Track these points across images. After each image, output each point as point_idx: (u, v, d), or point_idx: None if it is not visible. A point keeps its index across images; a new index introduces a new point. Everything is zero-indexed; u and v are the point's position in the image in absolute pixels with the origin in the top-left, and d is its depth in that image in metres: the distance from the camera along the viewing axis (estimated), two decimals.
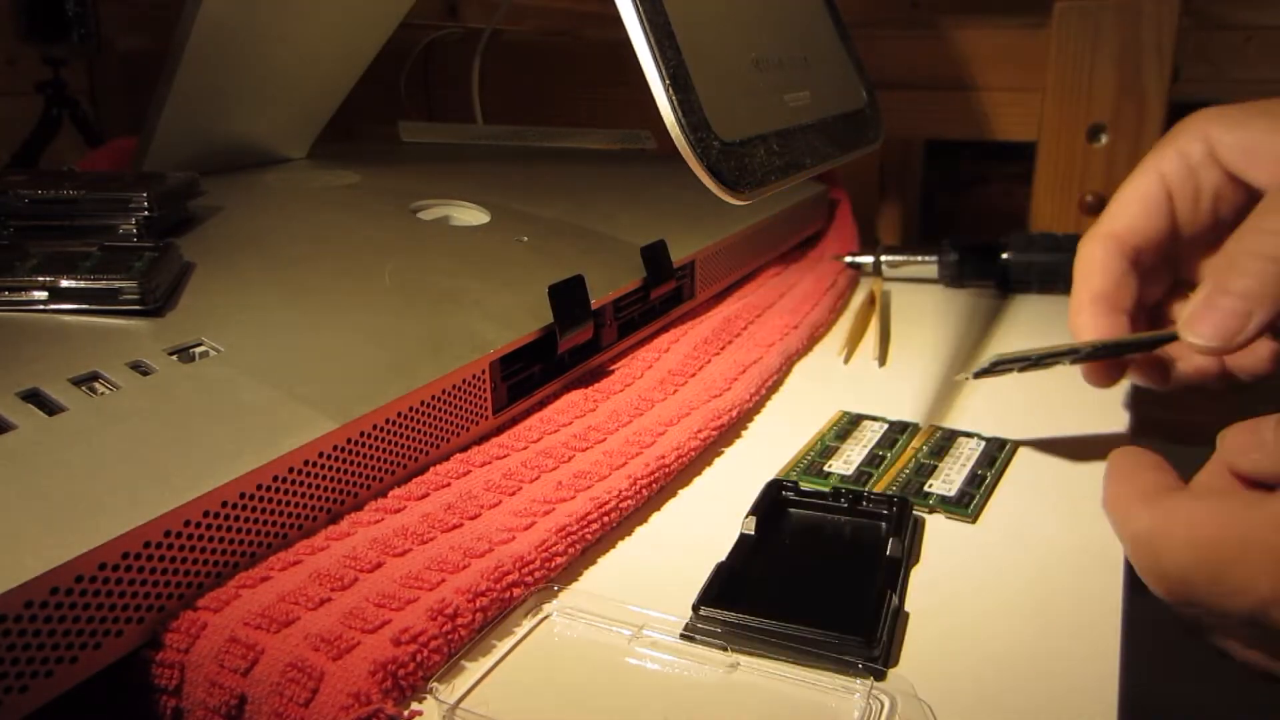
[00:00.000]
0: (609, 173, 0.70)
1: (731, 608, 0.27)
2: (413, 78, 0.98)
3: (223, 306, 0.36)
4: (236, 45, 0.56)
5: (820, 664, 0.26)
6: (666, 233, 0.51)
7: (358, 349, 0.35)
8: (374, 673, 0.24)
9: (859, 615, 0.27)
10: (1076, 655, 0.27)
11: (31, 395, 0.29)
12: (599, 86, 0.90)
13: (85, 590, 0.24)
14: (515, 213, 0.54)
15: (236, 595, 0.27)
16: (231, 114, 0.60)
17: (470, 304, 0.40)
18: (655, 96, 0.36)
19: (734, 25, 0.44)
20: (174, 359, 0.32)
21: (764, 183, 0.40)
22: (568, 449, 0.36)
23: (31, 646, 0.23)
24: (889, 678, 0.25)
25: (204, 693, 0.25)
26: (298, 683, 0.24)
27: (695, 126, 0.37)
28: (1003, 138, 0.78)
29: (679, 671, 0.26)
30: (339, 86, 0.66)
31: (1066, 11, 0.72)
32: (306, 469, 0.30)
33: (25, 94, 0.95)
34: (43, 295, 0.34)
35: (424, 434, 0.35)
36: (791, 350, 0.49)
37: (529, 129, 0.84)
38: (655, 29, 0.36)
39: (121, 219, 0.41)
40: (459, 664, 0.26)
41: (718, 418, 0.40)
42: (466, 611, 0.27)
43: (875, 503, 0.33)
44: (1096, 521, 0.32)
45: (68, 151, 0.96)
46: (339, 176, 0.60)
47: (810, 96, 0.49)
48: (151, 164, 0.56)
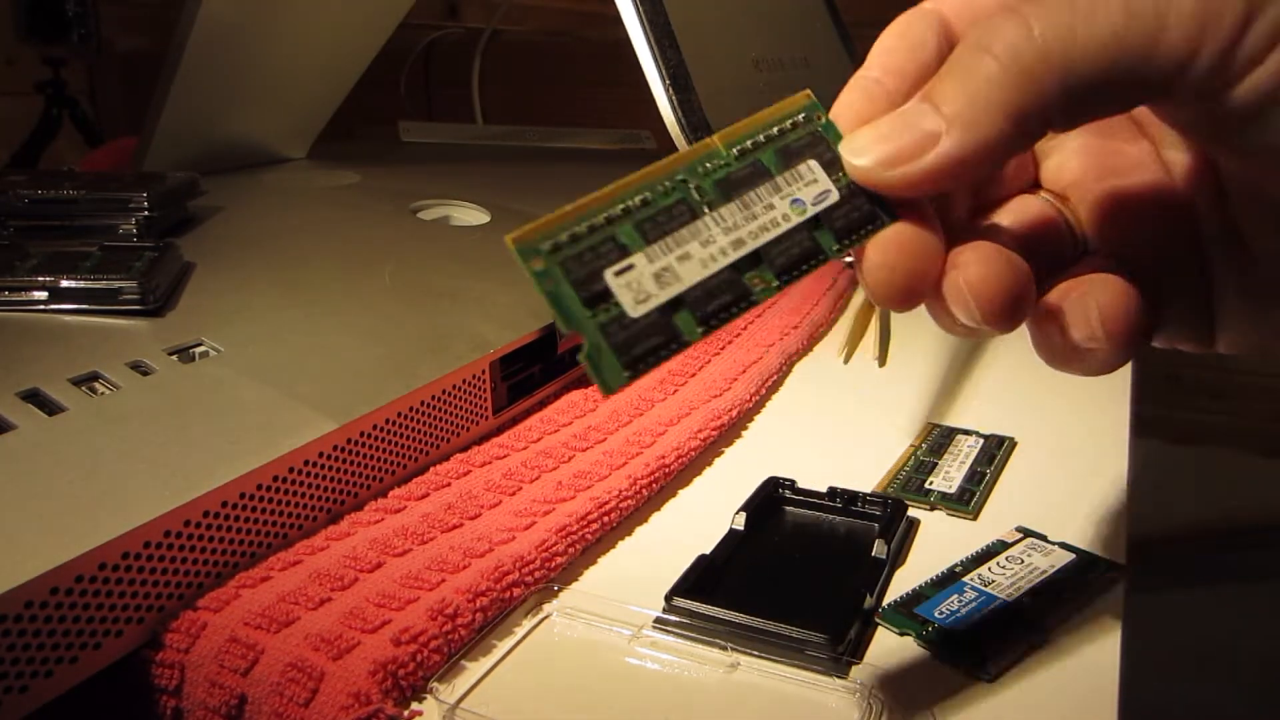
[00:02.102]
0: (609, 173, 0.70)
1: (704, 599, 0.27)
2: (413, 78, 0.98)
3: (223, 306, 0.36)
4: (236, 45, 0.56)
5: (791, 660, 0.26)
6: None
7: (358, 349, 0.35)
8: (374, 673, 0.24)
9: (830, 613, 0.27)
10: (1077, 654, 0.27)
11: (31, 395, 0.29)
12: (599, 86, 0.90)
13: (85, 590, 0.24)
14: (515, 213, 0.54)
15: (236, 595, 0.27)
16: (231, 114, 0.60)
17: (470, 304, 0.40)
18: (655, 96, 0.36)
19: (734, 25, 0.44)
20: (174, 359, 0.32)
21: None
22: (568, 449, 0.36)
23: (31, 646, 0.23)
24: (864, 675, 0.25)
25: (204, 693, 0.25)
26: (298, 683, 0.24)
27: (695, 126, 0.37)
28: None
29: (679, 671, 0.26)
30: (339, 86, 0.66)
31: None
32: (306, 469, 0.30)
33: (25, 94, 0.95)
34: (43, 295, 0.34)
35: (424, 434, 0.35)
36: (791, 350, 0.49)
37: (529, 129, 0.84)
38: (655, 29, 0.36)
39: (121, 219, 0.41)
40: (459, 664, 0.26)
41: (718, 418, 0.40)
42: (466, 611, 0.27)
43: (869, 503, 0.33)
44: (1097, 519, 0.32)
45: (68, 151, 0.96)
46: (339, 176, 0.60)
47: None
48: (151, 164, 0.57)
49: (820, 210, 0.20)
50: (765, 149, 0.20)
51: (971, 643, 0.27)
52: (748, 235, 0.19)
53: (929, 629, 0.27)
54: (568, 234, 0.18)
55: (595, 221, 0.19)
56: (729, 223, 0.19)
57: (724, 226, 0.19)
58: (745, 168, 0.20)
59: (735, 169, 0.20)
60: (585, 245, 0.18)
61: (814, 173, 0.20)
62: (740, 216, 0.19)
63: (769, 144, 0.20)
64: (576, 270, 0.18)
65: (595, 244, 0.18)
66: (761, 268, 0.19)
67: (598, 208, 0.19)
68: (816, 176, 0.20)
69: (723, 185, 0.20)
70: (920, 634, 0.27)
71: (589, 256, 0.18)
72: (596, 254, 0.18)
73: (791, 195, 0.20)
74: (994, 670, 0.26)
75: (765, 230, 0.19)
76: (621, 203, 0.19)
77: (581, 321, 0.18)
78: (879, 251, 0.20)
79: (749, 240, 0.19)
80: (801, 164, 0.20)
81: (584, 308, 0.18)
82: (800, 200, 0.20)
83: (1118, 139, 0.24)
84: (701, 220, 0.19)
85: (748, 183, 0.20)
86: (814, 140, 0.21)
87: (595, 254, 0.18)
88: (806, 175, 0.20)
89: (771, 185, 0.20)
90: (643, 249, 0.19)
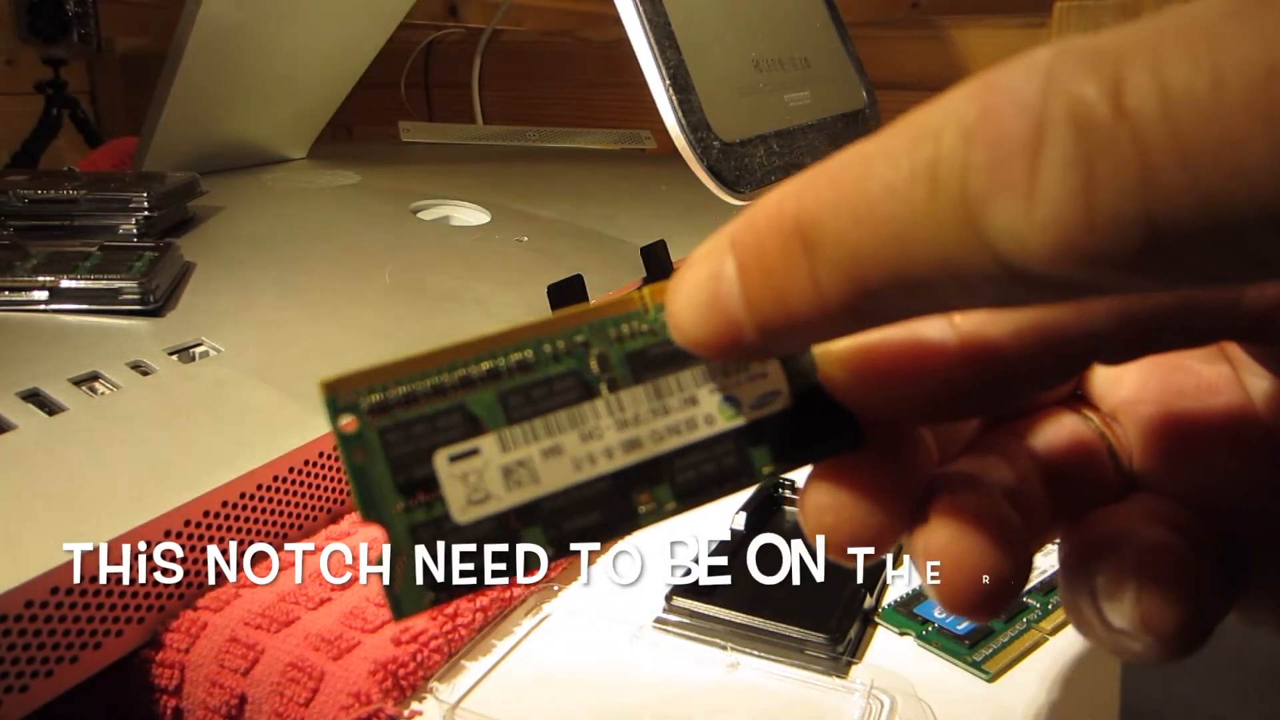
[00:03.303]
0: (609, 173, 0.70)
1: (704, 599, 0.27)
2: (413, 78, 0.98)
3: (223, 306, 0.36)
4: (236, 45, 0.56)
5: (791, 660, 0.26)
6: (666, 233, 0.51)
7: (358, 349, 0.35)
8: (374, 672, 0.24)
9: (830, 613, 0.27)
10: (1076, 654, 0.27)
11: (31, 395, 0.29)
12: (599, 86, 0.90)
13: (85, 590, 0.24)
14: (515, 213, 0.54)
15: (236, 595, 0.27)
16: (231, 114, 0.60)
17: (470, 304, 0.40)
18: (655, 96, 0.36)
19: (734, 25, 0.44)
20: (174, 359, 0.32)
21: (764, 183, 0.40)
22: None
23: (32, 646, 0.23)
24: (864, 675, 0.25)
25: (204, 693, 0.25)
26: (298, 683, 0.24)
27: (695, 126, 0.37)
28: None
29: (679, 671, 0.26)
30: (339, 86, 0.66)
31: (1066, 11, 0.71)
32: (306, 469, 0.30)
33: (25, 94, 0.95)
34: (43, 295, 0.34)
35: None
36: None
37: (529, 129, 0.84)
38: (655, 29, 0.36)
39: (121, 219, 0.41)
40: (459, 664, 0.26)
41: None
42: (466, 611, 0.27)
43: None
44: None
45: (68, 151, 0.96)
46: (339, 176, 0.60)
47: (810, 96, 0.49)
48: (151, 164, 0.56)
49: (761, 416, 0.15)
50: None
51: (971, 643, 0.27)
52: (649, 436, 0.14)
53: (929, 629, 0.27)
54: (403, 390, 0.14)
55: (444, 380, 0.14)
56: (628, 414, 0.14)
57: (619, 418, 0.14)
58: (673, 344, 0.14)
59: (658, 341, 0.14)
60: (421, 412, 0.14)
61: (765, 366, 0.15)
62: (646, 408, 0.14)
63: None
64: (399, 444, 0.14)
65: (435, 412, 0.14)
66: (658, 484, 0.14)
67: (454, 361, 0.14)
68: (767, 370, 0.15)
69: (636, 361, 0.14)
70: (920, 634, 0.27)
71: (420, 428, 0.14)
72: (433, 426, 0.14)
73: (726, 391, 0.15)
74: (994, 670, 0.26)
75: (675, 433, 0.14)
76: (489, 360, 0.14)
77: (386, 514, 0.13)
78: (822, 488, 0.15)
79: (648, 443, 0.14)
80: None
81: (396, 495, 0.13)
82: (735, 399, 0.15)
83: (1190, 355, 0.18)
84: (591, 404, 0.14)
85: (671, 363, 0.14)
86: None
87: (431, 426, 0.14)
88: (754, 368, 0.15)
89: (702, 373, 0.15)
90: (499, 429, 0.14)
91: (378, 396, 0.14)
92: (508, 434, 0.14)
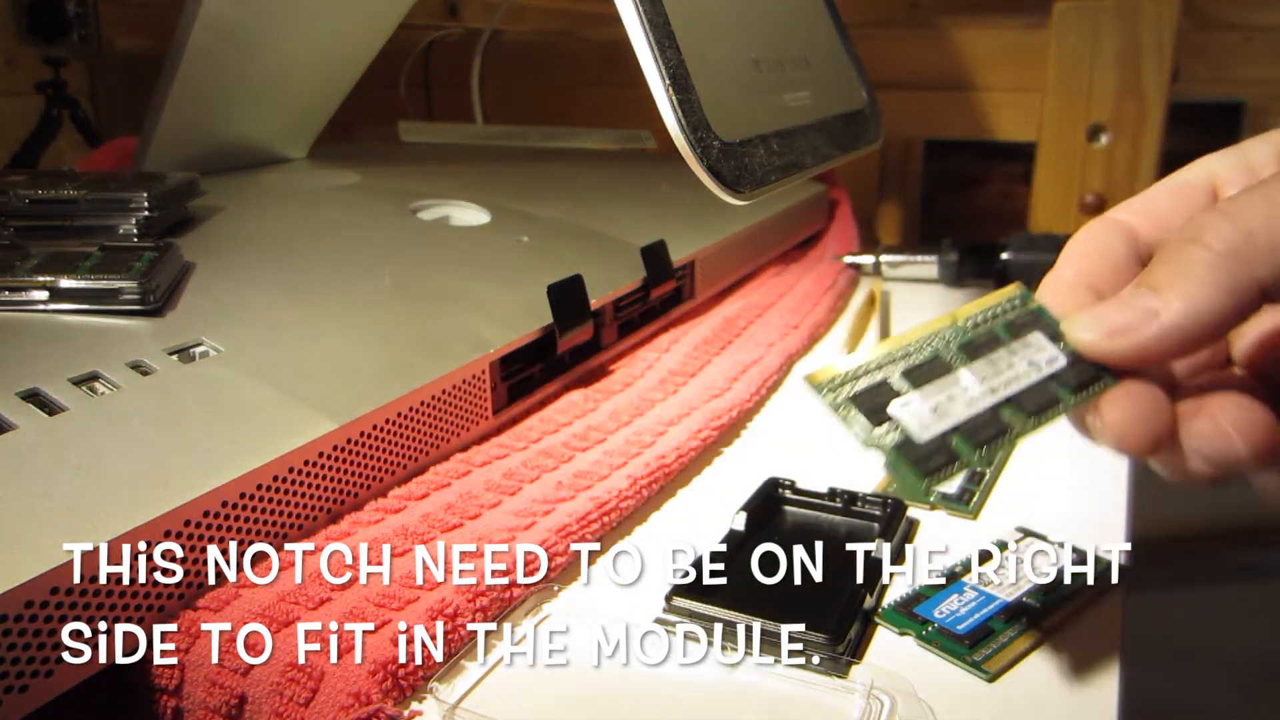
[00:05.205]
0: (609, 173, 0.70)
1: (704, 599, 0.27)
2: (413, 78, 0.98)
3: (223, 306, 0.36)
4: (236, 45, 0.56)
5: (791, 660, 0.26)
6: (666, 233, 0.51)
7: (358, 349, 0.35)
8: (374, 673, 0.24)
9: (830, 613, 0.27)
10: (1077, 654, 0.27)
11: (31, 395, 0.28)
12: (599, 86, 0.90)
13: (86, 590, 0.24)
14: (515, 213, 0.54)
15: (236, 595, 0.27)
16: (231, 114, 0.60)
17: (470, 304, 0.40)
18: (655, 96, 0.36)
19: (734, 25, 0.44)
20: (174, 359, 0.32)
21: (764, 183, 0.40)
22: (568, 449, 0.36)
23: (32, 646, 0.23)
24: (864, 675, 0.25)
25: (204, 693, 0.25)
26: (298, 683, 0.24)
27: (695, 126, 0.37)
28: (1003, 138, 0.78)
29: (679, 671, 0.26)
30: (339, 86, 0.66)
31: (1066, 11, 0.72)
32: (306, 469, 0.30)
33: (25, 94, 0.95)
34: (43, 295, 0.34)
35: (424, 434, 0.35)
36: (791, 350, 0.49)
37: (529, 129, 0.84)
38: (655, 29, 0.36)
39: (121, 219, 0.41)
40: (459, 664, 0.26)
41: (718, 418, 0.40)
42: (466, 611, 0.27)
43: (869, 504, 0.33)
44: (1097, 520, 0.32)
45: (68, 151, 0.96)
46: (339, 176, 0.60)
47: (810, 96, 0.49)
48: (151, 164, 0.56)
49: (1052, 371, 0.23)
50: (994, 322, 0.24)
51: (971, 643, 0.27)
52: (1000, 384, 0.23)
53: (929, 629, 0.27)
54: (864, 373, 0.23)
55: (881, 362, 0.23)
56: (981, 374, 0.23)
57: (979, 376, 0.23)
58: (982, 336, 0.24)
59: (973, 336, 0.24)
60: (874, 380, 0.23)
61: (1041, 342, 0.23)
62: (989, 370, 0.23)
63: (996, 319, 0.24)
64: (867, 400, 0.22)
65: (876, 384, 0.23)
66: (1016, 410, 0.23)
67: (893, 352, 0.23)
68: (1043, 345, 0.23)
69: (967, 348, 0.23)
70: (920, 634, 0.27)
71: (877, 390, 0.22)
72: (880, 390, 0.22)
73: (1026, 358, 0.23)
74: (994, 670, 0.26)
75: (1013, 383, 0.23)
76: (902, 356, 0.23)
77: (874, 440, 0.22)
78: (1114, 408, 0.22)
79: (1001, 389, 0.23)
80: (1028, 334, 0.24)
81: (873, 426, 0.22)
82: (1035, 362, 0.23)
83: None
84: (955, 373, 0.23)
85: (987, 347, 0.23)
86: (1034, 318, 0.24)
87: (880, 390, 0.22)
88: (1035, 344, 0.23)
89: (1007, 350, 0.23)
90: (920, 387, 0.22)
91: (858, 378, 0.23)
92: (922, 391, 0.22)
